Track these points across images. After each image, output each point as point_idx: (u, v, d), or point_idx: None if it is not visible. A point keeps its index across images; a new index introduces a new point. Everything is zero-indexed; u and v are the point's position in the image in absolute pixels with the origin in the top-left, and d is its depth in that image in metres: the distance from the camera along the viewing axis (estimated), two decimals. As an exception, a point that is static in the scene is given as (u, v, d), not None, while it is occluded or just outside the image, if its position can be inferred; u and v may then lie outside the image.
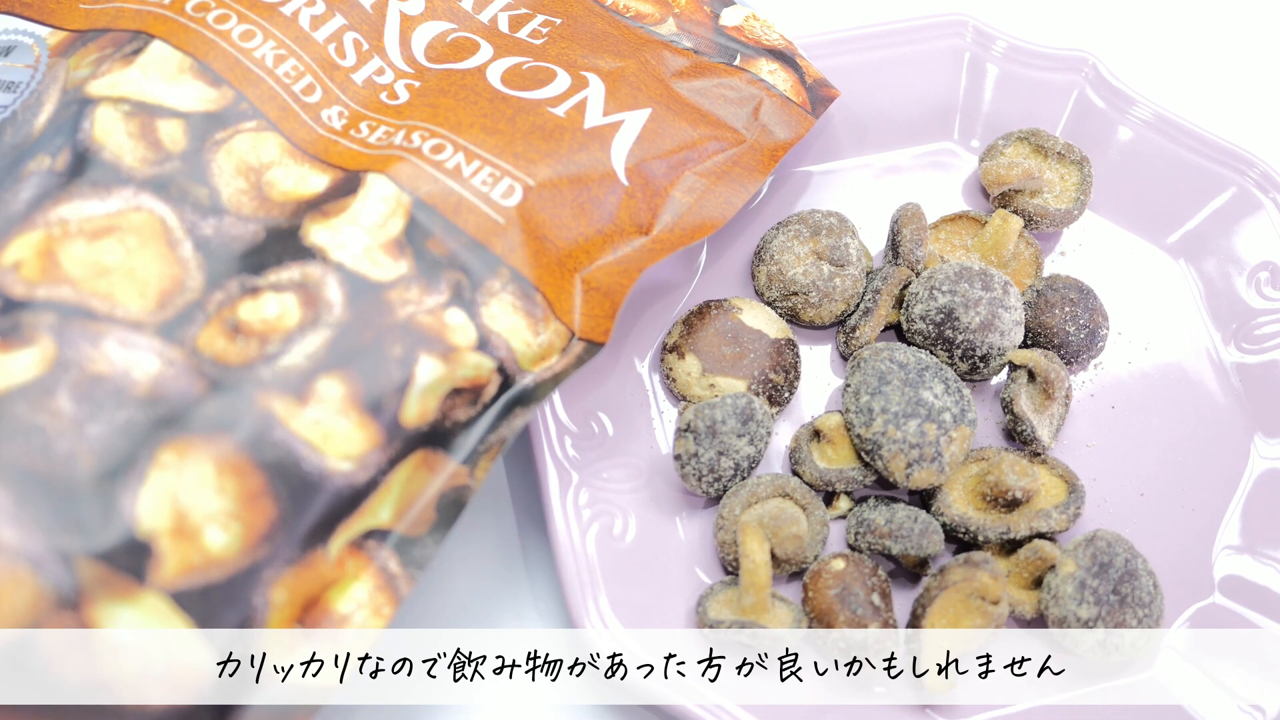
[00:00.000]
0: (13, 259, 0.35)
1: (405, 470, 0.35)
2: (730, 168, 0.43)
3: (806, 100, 0.46)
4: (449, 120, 0.40)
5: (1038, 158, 0.48)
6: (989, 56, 0.50)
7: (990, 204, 0.48)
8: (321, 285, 0.36)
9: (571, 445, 0.41)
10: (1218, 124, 0.53)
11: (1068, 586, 0.38)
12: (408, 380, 0.35)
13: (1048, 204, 0.47)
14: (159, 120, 0.38)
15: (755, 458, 0.41)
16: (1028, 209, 0.47)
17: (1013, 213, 0.46)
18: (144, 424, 0.33)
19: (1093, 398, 0.45)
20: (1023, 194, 0.47)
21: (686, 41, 0.45)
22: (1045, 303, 0.44)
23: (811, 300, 0.44)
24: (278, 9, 0.41)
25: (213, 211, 0.37)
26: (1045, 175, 0.47)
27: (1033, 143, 0.48)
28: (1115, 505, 0.43)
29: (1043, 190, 0.47)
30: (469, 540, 0.43)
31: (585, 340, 0.38)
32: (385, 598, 0.35)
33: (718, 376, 0.42)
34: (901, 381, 0.41)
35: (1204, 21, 0.58)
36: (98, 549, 0.31)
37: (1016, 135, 0.48)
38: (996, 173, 0.46)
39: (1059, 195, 0.47)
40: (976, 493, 0.41)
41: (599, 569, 0.39)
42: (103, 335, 0.34)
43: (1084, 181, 0.47)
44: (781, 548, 0.39)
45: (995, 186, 0.47)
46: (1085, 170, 0.47)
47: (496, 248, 0.37)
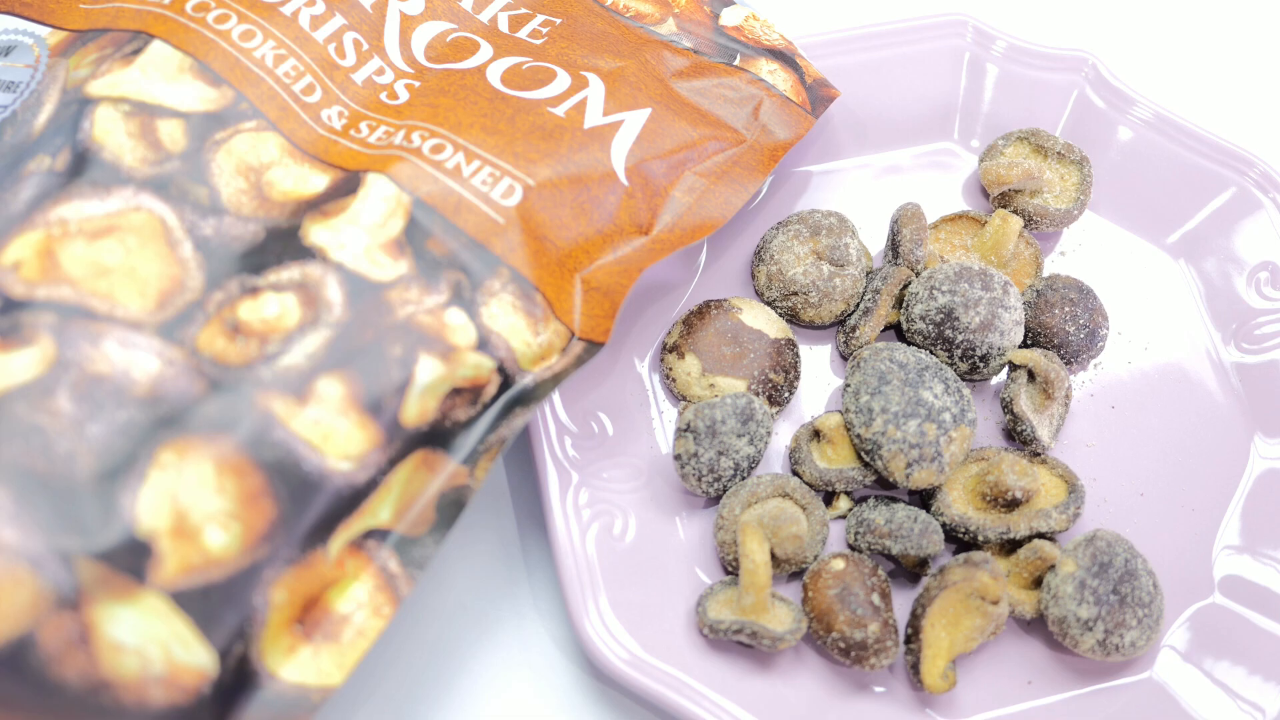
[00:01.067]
0: (13, 259, 0.35)
1: (405, 470, 0.35)
2: (730, 168, 0.43)
3: (806, 100, 0.46)
4: (449, 120, 0.40)
5: (1037, 158, 0.48)
6: (989, 56, 0.50)
7: (990, 204, 0.48)
8: (321, 285, 0.36)
9: (571, 445, 0.41)
10: (1218, 124, 0.53)
11: (1068, 586, 0.38)
12: (408, 380, 0.35)
13: (1048, 204, 0.47)
14: (159, 120, 0.38)
15: (755, 458, 0.41)
16: (1028, 209, 0.47)
17: (1013, 213, 0.46)
18: (144, 424, 0.33)
19: (1093, 398, 0.45)
20: (1023, 194, 0.47)
21: (686, 41, 0.45)
22: (1045, 302, 0.44)
23: (811, 300, 0.44)
24: (278, 9, 0.41)
25: (213, 211, 0.37)
26: (1045, 175, 0.47)
27: (1032, 143, 0.48)
28: (1115, 505, 0.43)
29: (1043, 190, 0.47)
30: (469, 540, 0.43)
31: (585, 340, 0.38)
32: (385, 598, 0.35)
33: (718, 376, 0.42)
34: (901, 381, 0.41)
35: (1204, 21, 0.58)
36: (98, 549, 0.31)
37: (1016, 135, 0.48)
38: (996, 173, 0.46)
39: (1059, 195, 0.47)
40: (976, 493, 0.41)
41: (599, 569, 0.39)
42: (103, 335, 0.34)
43: (1084, 181, 0.47)
44: (781, 548, 0.39)
45: (995, 186, 0.47)
46: (1085, 170, 0.47)
47: (496, 248, 0.38)
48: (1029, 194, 0.47)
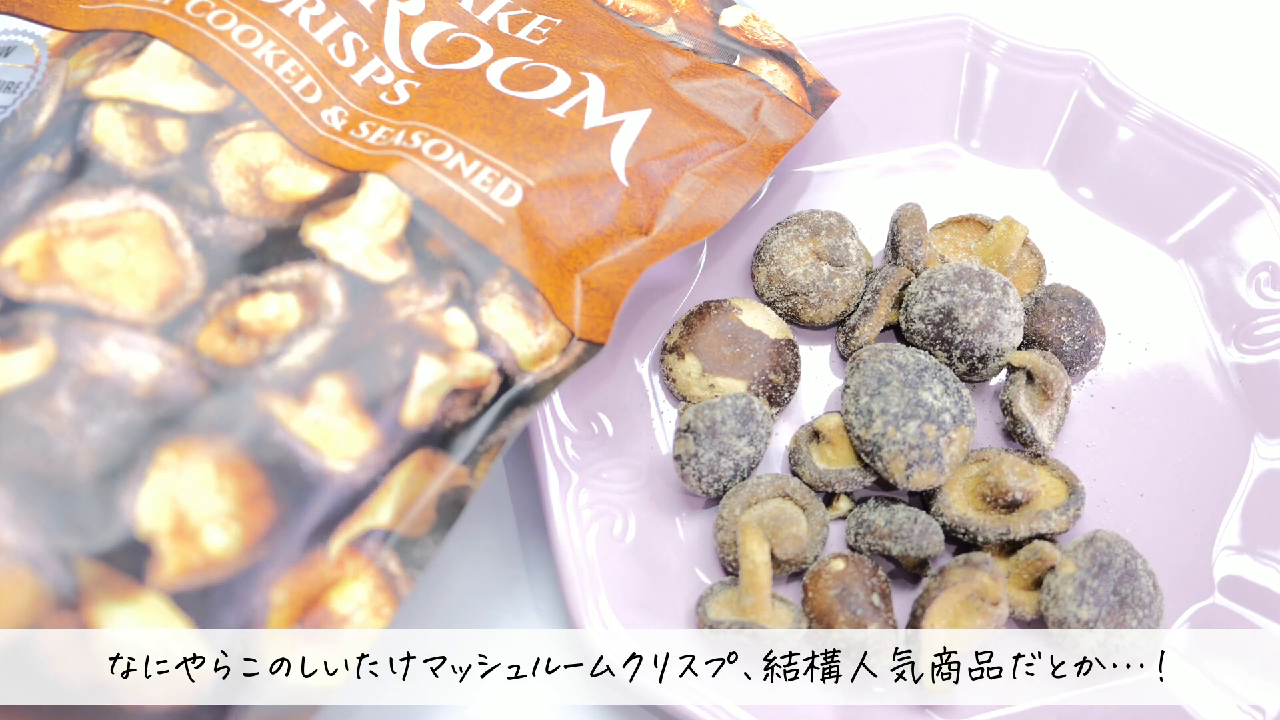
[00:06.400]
0: (13, 259, 0.35)
1: (405, 470, 0.35)
2: (730, 168, 0.43)
3: (806, 100, 0.46)
4: (449, 121, 0.40)
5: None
6: (989, 56, 0.50)
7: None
8: (321, 285, 0.36)
9: (571, 445, 0.41)
10: (1218, 124, 0.53)
11: (1068, 587, 0.38)
12: (408, 380, 0.35)
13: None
14: (159, 120, 0.38)
15: (755, 458, 0.41)
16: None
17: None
18: (144, 424, 0.33)
19: (1093, 398, 0.45)
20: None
21: (686, 42, 0.45)
22: (1042, 311, 0.44)
23: (811, 300, 0.44)
24: (278, 9, 0.41)
25: (213, 212, 0.37)
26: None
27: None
28: (1115, 505, 0.43)
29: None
30: (469, 540, 0.43)
31: (585, 340, 0.38)
32: (385, 598, 0.35)
33: (718, 377, 0.42)
34: (901, 383, 0.40)
35: (1204, 21, 0.58)
36: (98, 549, 0.31)
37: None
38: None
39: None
40: (976, 494, 0.41)
41: (599, 569, 0.39)
42: (103, 335, 0.34)
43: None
44: (781, 548, 0.39)
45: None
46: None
47: (496, 248, 0.37)
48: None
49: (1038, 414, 0.43)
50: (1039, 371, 0.43)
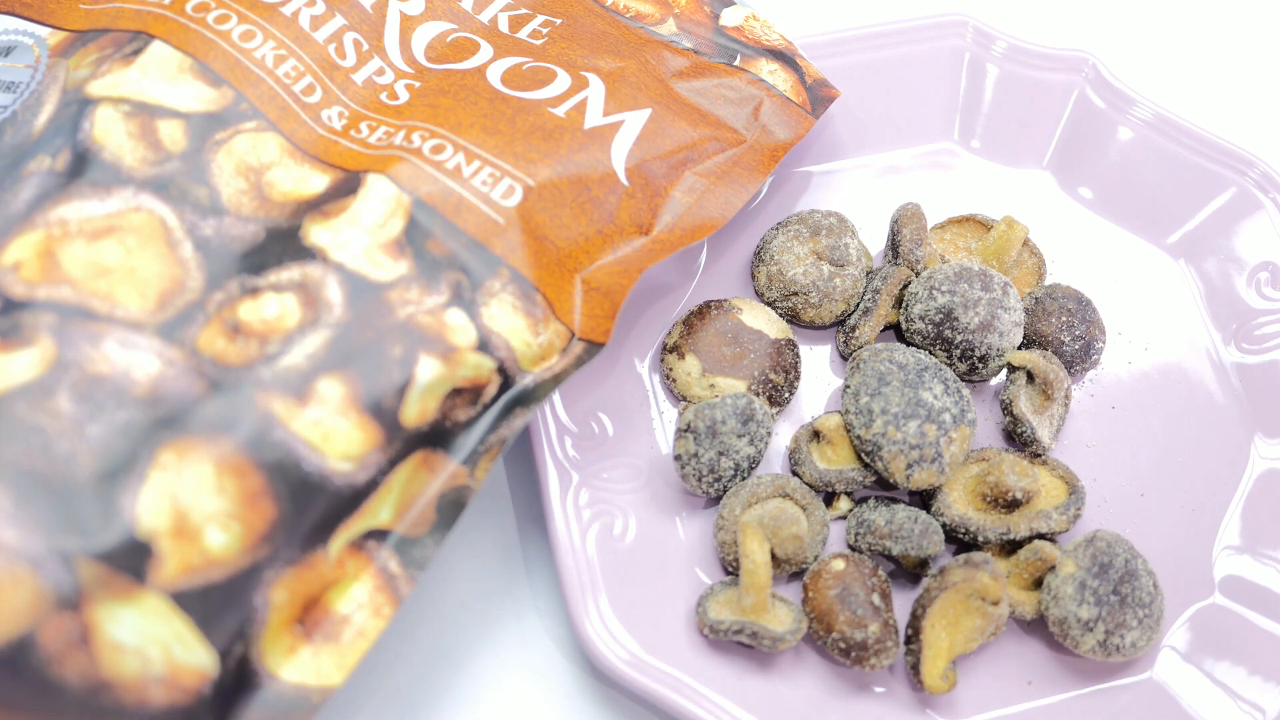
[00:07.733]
0: (13, 259, 0.35)
1: (405, 470, 0.35)
2: (730, 168, 0.43)
3: (806, 100, 0.46)
4: (449, 120, 0.40)
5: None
6: (989, 56, 0.50)
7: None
8: (321, 285, 0.36)
9: (571, 445, 0.41)
10: (1218, 124, 0.53)
11: (1068, 587, 0.38)
12: (408, 380, 0.35)
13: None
14: (159, 120, 0.38)
15: (755, 458, 0.41)
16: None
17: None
18: (144, 424, 0.33)
19: (1093, 398, 0.45)
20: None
21: (686, 42, 0.45)
22: (1042, 310, 0.44)
23: (811, 300, 0.44)
24: (278, 9, 0.41)
25: (213, 212, 0.37)
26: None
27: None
28: (1115, 505, 0.43)
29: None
30: (469, 540, 0.43)
31: (585, 340, 0.38)
32: (385, 598, 0.35)
33: (718, 377, 0.42)
34: (901, 382, 0.40)
35: (1204, 21, 0.58)
36: (98, 549, 0.31)
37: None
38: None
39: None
40: (977, 493, 0.41)
41: (599, 569, 0.39)
42: (103, 335, 0.34)
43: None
44: (781, 548, 0.39)
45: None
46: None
47: (496, 248, 0.37)
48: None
49: (1038, 414, 0.43)
50: (1039, 371, 0.43)
